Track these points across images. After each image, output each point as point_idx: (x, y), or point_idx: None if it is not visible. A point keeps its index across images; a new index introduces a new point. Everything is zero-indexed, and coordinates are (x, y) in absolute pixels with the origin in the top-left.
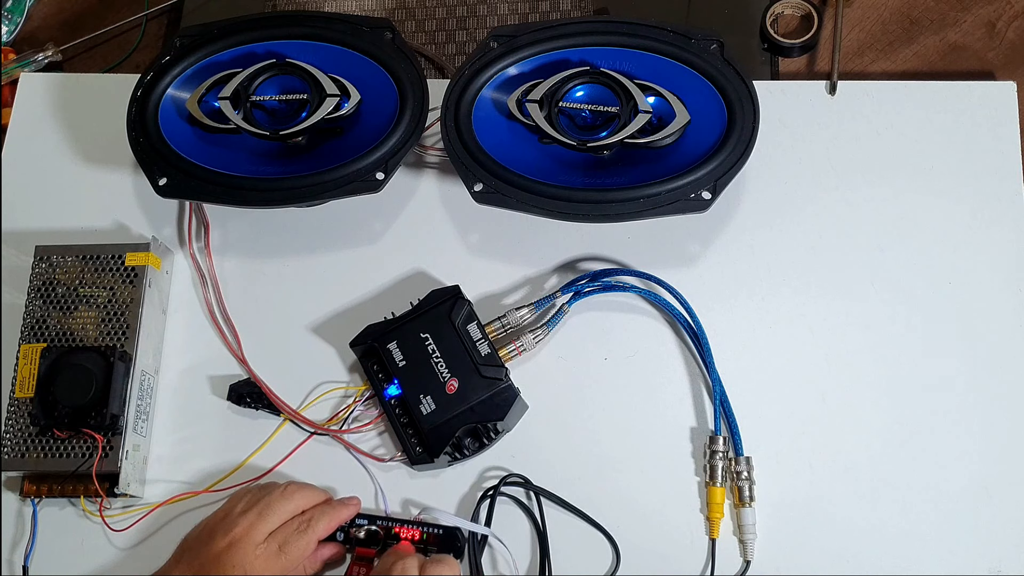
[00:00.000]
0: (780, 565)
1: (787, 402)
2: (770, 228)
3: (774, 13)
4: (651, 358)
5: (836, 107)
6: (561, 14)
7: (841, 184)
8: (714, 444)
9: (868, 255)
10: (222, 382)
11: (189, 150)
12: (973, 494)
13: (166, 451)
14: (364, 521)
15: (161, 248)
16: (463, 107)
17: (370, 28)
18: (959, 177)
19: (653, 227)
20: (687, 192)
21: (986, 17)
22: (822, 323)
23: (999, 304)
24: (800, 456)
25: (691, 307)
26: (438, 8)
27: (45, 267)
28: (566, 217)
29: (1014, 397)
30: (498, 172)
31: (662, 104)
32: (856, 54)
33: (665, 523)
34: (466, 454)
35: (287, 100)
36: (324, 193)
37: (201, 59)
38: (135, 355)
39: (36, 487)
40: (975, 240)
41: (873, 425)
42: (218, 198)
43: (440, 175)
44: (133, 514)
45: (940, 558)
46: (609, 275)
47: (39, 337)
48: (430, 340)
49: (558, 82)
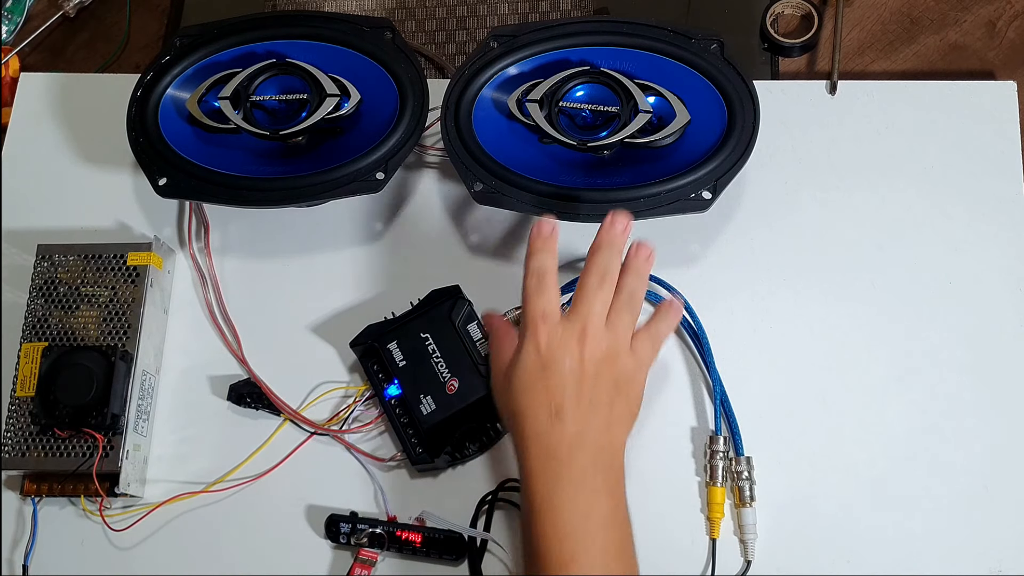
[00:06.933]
0: (780, 565)
1: (788, 402)
2: (770, 228)
3: (774, 13)
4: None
5: (836, 107)
6: (561, 14)
7: (841, 184)
8: (714, 444)
9: (868, 255)
10: (222, 382)
11: (189, 150)
12: (973, 494)
13: (166, 451)
14: (365, 526)
15: (163, 248)
16: (463, 107)
17: (370, 28)
18: (959, 177)
19: (653, 227)
20: (687, 192)
21: (986, 17)
22: (822, 323)
23: (999, 304)
24: (800, 456)
25: (691, 307)
26: (438, 8)
27: (47, 266)
28: (566, 217)
29: (1014, 397)
30: (498, 172)
31: (662, 104)
32: (856, 54)
33: (665, 523)
34: (466, 454)
35: (287, 100)
36: (324, 193)
37: (201, 59)
38: (136, 355)
39: (36, 486)
40: (975, 240)
41: (873, 425)
42: (218, 198)
43: (440, 175)
44: (133, 514)
45: (940, 558)
46: None
47: (40, 336)
48: (430, 340)
49: (558, 82)
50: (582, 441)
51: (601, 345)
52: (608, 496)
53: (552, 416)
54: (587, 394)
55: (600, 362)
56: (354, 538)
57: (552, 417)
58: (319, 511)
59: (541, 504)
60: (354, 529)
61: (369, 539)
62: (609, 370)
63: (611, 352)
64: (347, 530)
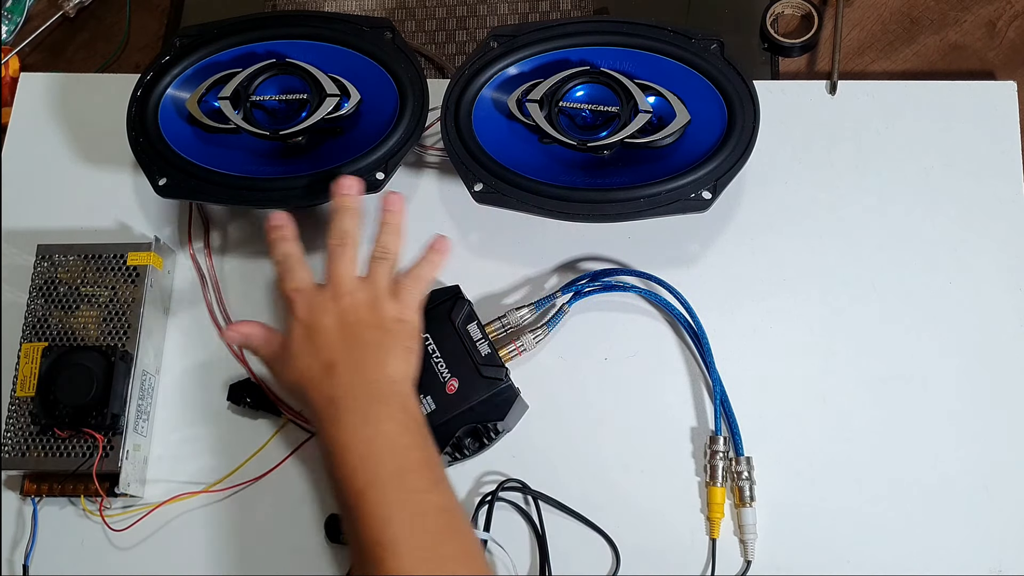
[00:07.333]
0: (780, 565)
1: (788, 402)
2: (770, 228)
3: (774, 13)
4: (651, 358)
5: (836, 107)
6: (561, 14)
7: (841, 184)
8: (714, 444)
9: (868, 255)
10: (222, 382)
11: (189, 150)
12: (973, 494)
13: (166, 451)
14: None
15: (163, 248)
16: (463, 107)
17: (370, 28)
18: (959, 177)
19: (653, 227)
20: (687, 192)
21: (986, 17)
22: (822, 322)
23: (999, 304)
24: (800, 456)
25: (691, 307)
26: (438, 8)
27: (47, 266)
28: (566, 217)
29: (1014, 397)
30: (498, 172)
31: (662, 104)
32: (856, 54)
33: (665, 523)
34: (466, 454)
35: (287, 100)
36: (324, 193)
37: (201, 59)
38: (136, 355)
39: (36, 486)
40: (975, 240)
41: (874, 425)
42: (218, 198)
43: (440, 175)
44: (133, 514)
45: (940, 558)
46: (609, 275)
47: (40, 336)
48: (430, 340)
49: (558, 82)
50: (358, 381)
51: (358, 296)
52: (392, 422)
53: (326, 371)
54: (353, 342)
55: (359, 310)
56: None
57: (326, 372)
58: (319, 511)
59: (330, 446)
60: None
61: None
62: (372, 315)
63: (370, 300)
64: None
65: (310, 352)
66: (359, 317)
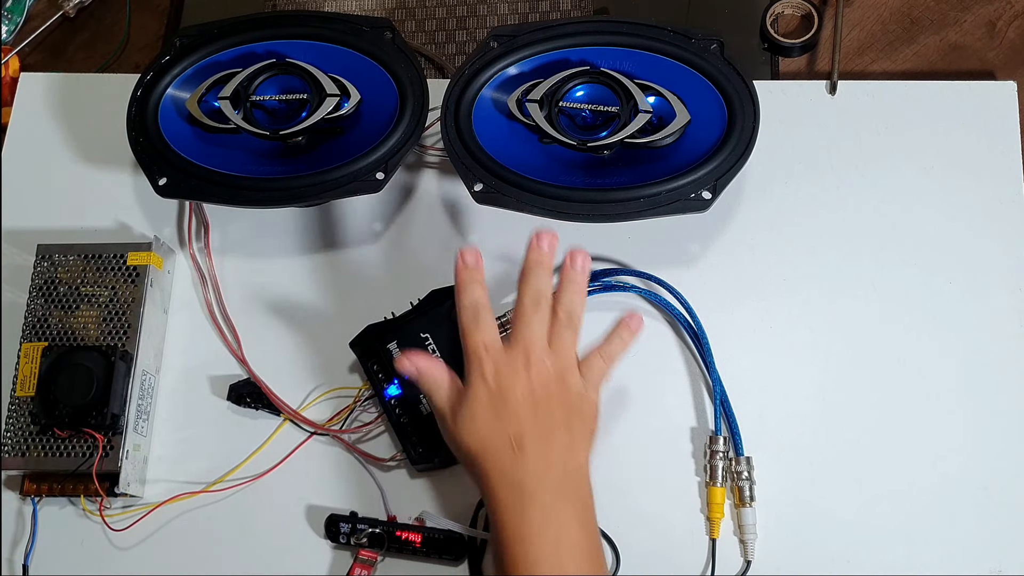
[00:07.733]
0: (780, 565)
1: (788, 402)
2: (770, 228)
3: (774, 13)
4: (651, 358)
5: (836, 107)
6: (561, 14)
7: (841, 184)
8: (714, 444)
9: (868, 254)
10: (222, 382)
11: (189, 150)
12: (973, 494)
13: (166, 451)
14: (365, 526)
15: (163, 248)
16: (463, 107)
17: (370, 28)
18: (959, 177)
19: (653, 227)
20: (687, 192)
21: (986, 17)
22: (822, 323)
23: (999, 304)
24: (800, 456)
25: (691, 307)
26: (438, 8)
27: (47, 266)
28: (566, 217)
29: (1014, 397)
30: (498, 172)
31: (662, 104)
32: (856, 54)
33: (665, 523)
34: None
35: (287, 100)
36: (324, 193)
37: (201, 59)
38: (136, 355)
39: (36, 486)
40: (975, 240)
41: (873, 425)
42: (218, 198)
43: (440, 175)
44: (133, 514)
45: (941, 558)
46: (609, 275)
47: (40, 336)
48: (430, 340)
49: (558, 82)
50: (547, 468)
51: (548, 367)
52: (577, 522)
53: (514, 448)
54: (543, 419)
55: (549, 384)
56: (354, 538)
57: (514, 450)
58: (319, 511)
59: (512, 536)
60: (354, 529)
61: (369, 539)
62: (560, 391)
63: (558, 373)
64: (347, 530)
65: (496, 420)
66: (549, 391)
